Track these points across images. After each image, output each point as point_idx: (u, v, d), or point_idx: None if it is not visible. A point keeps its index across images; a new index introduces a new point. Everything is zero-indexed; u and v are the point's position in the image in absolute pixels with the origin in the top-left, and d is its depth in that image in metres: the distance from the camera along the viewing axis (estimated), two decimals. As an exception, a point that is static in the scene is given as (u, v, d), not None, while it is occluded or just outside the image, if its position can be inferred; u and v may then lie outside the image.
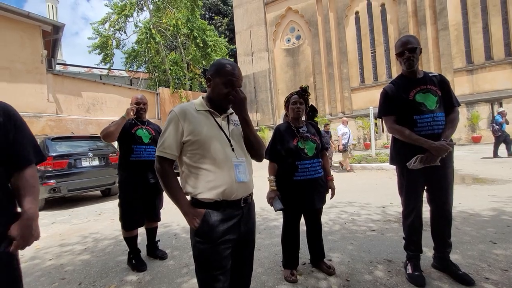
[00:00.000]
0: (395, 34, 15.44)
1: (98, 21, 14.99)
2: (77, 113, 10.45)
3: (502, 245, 2.33)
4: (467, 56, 14.00)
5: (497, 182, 4.95)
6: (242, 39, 20.32)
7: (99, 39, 14.62)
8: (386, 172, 6.96)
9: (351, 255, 2.37)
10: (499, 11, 13.16)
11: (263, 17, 19.35)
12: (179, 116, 1.18)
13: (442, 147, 1.70)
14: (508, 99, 12.83)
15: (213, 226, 1.16)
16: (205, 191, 1.16)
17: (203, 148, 1.17)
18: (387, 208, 3.79)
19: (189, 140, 1.17)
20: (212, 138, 1.19)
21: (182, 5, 15.09)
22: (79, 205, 5.77)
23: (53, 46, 10.55)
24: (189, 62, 16.19)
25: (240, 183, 1.21)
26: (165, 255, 2.62)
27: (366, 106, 15.44)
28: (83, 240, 3.41)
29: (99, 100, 11.40)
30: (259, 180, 4.45)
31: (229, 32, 25.64)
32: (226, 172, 1.19)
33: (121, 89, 12.55)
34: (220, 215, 1.18)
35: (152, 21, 14.83)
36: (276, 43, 19.48)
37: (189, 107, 1.24)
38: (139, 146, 2.46)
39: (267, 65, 19.22)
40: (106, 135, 2.33)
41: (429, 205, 1.97)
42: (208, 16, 28.02)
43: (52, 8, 45.92)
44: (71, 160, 5.49)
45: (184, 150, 1.21)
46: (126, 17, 14.70)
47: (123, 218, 2.44)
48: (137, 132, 2.49)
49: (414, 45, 1.86)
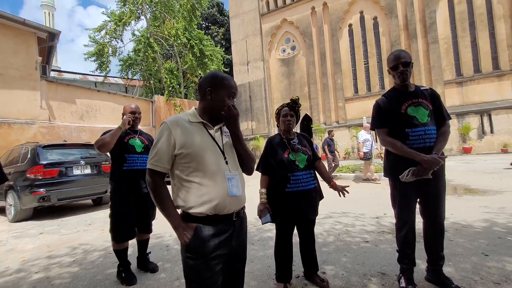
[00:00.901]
0: (387, 47, 15.84)
1: (94, 28, 15.04)
2: (70, 120, 10.33)
3: (494, 257, 2.35)
4: (457, 69, 14.41)
5: (488, 193, 5.02)
6: (238, 49, 20.58)
7: (95, 47, 14.64)
8: (381, 183, 7.00)
9: (345, 268, 2.35)
10: (486, 26, 13.66)
11: (258, 28, 19.69)
12: (171, 128, 1.16)
13: (433, 160, 1.72)
14: (496, 111, 13.16)
15: (204, 241, 1.13)
16: (196, 205, 1.14)
17: (196, 161, 1.15)
18: (381, 219, 3.80)
19: (182, 153, 1.15)
20: (205, 151, 1.17)
21: (179, 15, 15.30)
22: (68, 214, 5.63)
23: (48, 52, 10.51)
24: (185, 70, 16.30)
25: (232, 197, 1.20)
26: (156, 267, 2.55)
27: (360, 116, 15.66)
28: (72, 251, 3.31)
29: (93, 107, 11.30)
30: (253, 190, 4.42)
31: (225, 42, 25.98)
32: (219, 185, 1.17)
33: (116, 96, 12.49)
34: (211, 229, 1.16)
35: (150, 30, 14.95)
36: (272, 53, 19.77)
37: (182, 118, 1.22)
38: (132, 155, 2.44)
39: (262, 75, 19.44)
40: (102, 145, 2.30)
41: (422, 217, 1.98)
42: (205, 26, 28.40)
43: (48, 15, 46.01)
44: (62, 168, 5.39)
45: (176, 163, 1.18)
46: (124, 25, 14.79)
47: (113, 229, 2.38)
48: (129, 141, 2.47)
49: (407, 59, 1.90)
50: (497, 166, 8.18)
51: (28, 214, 5.31)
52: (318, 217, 2.16)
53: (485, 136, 13.45)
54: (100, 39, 14.95)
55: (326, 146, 8.28)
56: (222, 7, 29.93)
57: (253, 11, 19.90)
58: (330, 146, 8.30)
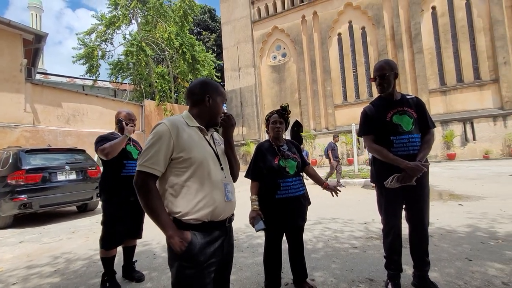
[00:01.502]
0: (375, 55, 16.30)
1: (84, 31, 14.82)
2: (56, 124, 10.05)
3: (477, 262, 2.41)
4: (441, 78, 14.95)
5: (471, 198, 5.17)
6: (229, 55, 20.70)
7: (84, 50, 14.40)
8: (368, 188, 7.11)
9: (334, 274, 2.35)
10: (467, 38, 14.30)
11: (250, 35, 19.90)
12: (171, 130, 1.11)
13: (416, 167, 1.77)
14: (478, 119, 13.69)
15: (200, 249, 1.11)
16: (192, 212, 1.11)
17: (195, 167, 1.13)
18: (369, 225, 3.84)
19: (181, 157, 1.11)
20: (204, 156, 1.16)
21: (171, 20, 15.30)
22: (51, 222, 5.43)
23: (34, 55, 10.26)
24: (176, 75, 16.24)
25: (228, 203, 1.20)
26: (142, 276, 2.49)
27: (349, 122, 15.94)
28: (53, 261, 3.18)
29: (80, 111, 11.06)
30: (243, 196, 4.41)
31: (216, 48, 26.12)
32: (216, 191, 1.16)
33: (104, 100, 12.28)
34: (206, 237, 1.14)
35: (141, 35, 14.86)
36: (263, 59, 19.98)
37: (180, 121, 1.19)
38: (131, 161, 2.46)
39: (253, 81, 19.58)
40: (110, 152, 2.29)
41: (408, 223, 2.02)
42: (196, 31, 28.51)
43: (36, 17, 45.06)
44: (45, 174, 5.21)
45: (171, 167, 1.13)
46: (115, 29, 14.64)
47: (105, 237, 2.32)
48: (127, 148, 2.48)
49: (386, 71, 1.95)
50: (480, 173, 8.48)
51: (7, 222, 5.09)
52: (308, 223, 2.18)
53: (468, 143, 13.94)
54: (89, 42, 14.74)
55: (331, 150, 7.97)
56: (214, 14, 30.18)
57: (245, 18, 20.14)
58: (334, 151, 8.00)
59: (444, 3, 14.78)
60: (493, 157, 13.16)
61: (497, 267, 2.28)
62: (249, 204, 1.99)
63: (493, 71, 13.61)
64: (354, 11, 16.96)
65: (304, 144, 16.69)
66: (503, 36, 13.23)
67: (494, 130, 13.41)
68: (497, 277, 2.10)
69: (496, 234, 3.09)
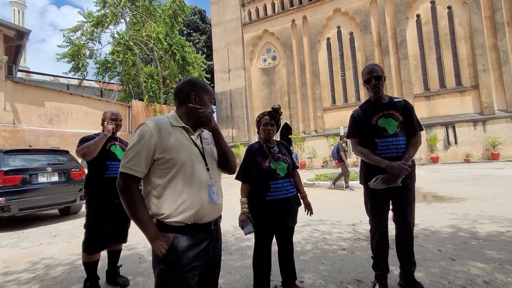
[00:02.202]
0: (362, 61, 16.68)
1: (70, 28, 14.40)
2: (37, 124, 9.68)
3: (460, 261, 2.48)
4: (425, 84, 15.46)
5: (454, 200, 5.34)
6: (219, 57, 20.64)
7: (70, 48, 13.98)
8: (356, 190, 7.22)
9: (322, 276, 2.36)
10: (449, 45, 14.88)
11: (240, 37, 19.94)
12: (152, 130, 1.10)
13: (398, 167, 1.82)
14: (459, 123, 14.23)
15: (182, 252, 1.08)
16: (175, 214, 1.09)
17: (178, 167, 1.10)
18: (357, 226, 3.90)
19: (163, 157, 1.09)
20: (187, 157, 1.13)
21: (161, 20, 15.11)
22: (31, 225, 5.20)
23: (15, 52, 9.88)
24: (166, 76, 16.04)
25: (212, 205, 1.17)
26: (127, 282, 2.41)
27: (337, 125, 16.22)
28: (32, 266, 3.04)
29: (64, 111, 10.70)
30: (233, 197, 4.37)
31: (206, 49, 25.99)
32: (200, 193, 1.14)
33: (90, 100, 11.95)
34: (189, 239, 1.11)
35: (129, 34, 14.59)
36: (253, 62, 20.04)
37: (163, 121, 1.17)
38: (114, 162, 2.37)
39: (243, 83, 19.59)
40: (87, 153, 2.21)
41: (394, 224, 2.06)
42: (186, 32, 28.30)
43: (18, 13, 43.49)
44: (25, 176, 4.99)
45: (154, 168, 1.11)
46: (103, 27, 14.31)
47: (88, 240, 2.24)
48: (111, 148, 2.39)
49: (380, 73, 2.00)
50: (461, 175, 8.78)
51: (-17, 226, 4.83)
52: (297, 225, 2.17)
53: (450, 146, 14.44)
54: (76, 40, 14.33)
55: (343, 151, 7.60)
56: (204, 15, 30.07)
57: (235, 21, 20.16)
58: (346, 152, 7.77)
59: (428, 12, 15.34)
60: (473, 160, 13.69)
61: (479, 266, 2.35)
62: (238, 207, 1.97)
63: (473, 77, 14.19)
64: (343, 16, 17.31)
65: (293, 146, 16.81)
66: (482, 45, 13.84)
67: (475, 134, 13.96)
68: (479, 276, 2.17)
69: (477, 234, 3.20)
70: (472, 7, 14.06)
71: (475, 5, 14.00)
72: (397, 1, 15.64)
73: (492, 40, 13.79)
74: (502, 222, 3.64)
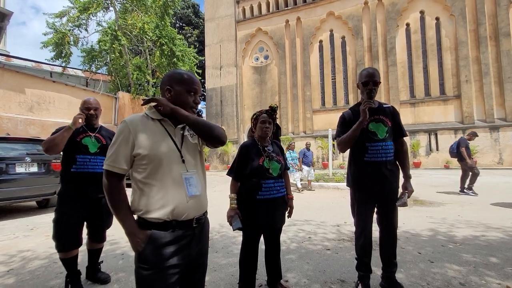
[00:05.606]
0: (353, 65, 16.99)
1: (54, 14, 13.76)
2: (17, 112, 9.22)
3: (438, 264, 2.58)
4: (411, 91, 15.95)
5: (434, 204, 5.55)
6: (211, 52, 20.43)
7: (54, 35, 13.36)
8: (341, 191, 7.37)
9: (307, 275, 2.39)
10: (436, 55, 15.42)
11: (233, 34, 19.80)
12: (130, 127, 1.11)
13: (363, 108, 1.93)
14: (441, 131, 14.79)
15: (158, 249, 1.07)
16: (154, 210, 1.08)
17: (153, 163, 1.10)
18: (341, 227, 3.97)
19: (139, 153, 1.09)
20: (162, 151, 1.12)
21: (152, 10, 14.71)
22: (6, 217, 4.96)
23: (-6, 34, 9.33)
24: (155, 68, 15.66)
25: (192, 198, 1.14)
26: (108, 278, 2.34)
27: (325, 127, 16.42)
28: (8, 260, 2.90)
29: (46, 99, 10.25)
30: (220, 195, 4.38)
31: (198, 44, 25.64)
32: (176, 188, 1.12)
33: (74, 89, 11.50)
34: (168, 236, 1.09)
35: (118, 23, 14.12)
36: (245, 60, 19.96)
37: (142, 117, 1.17)
38: (83, 156, 2.17)
39: (234, 80, 19.48)
40: (50, 148, 2.06)
41: (378, 226, 2.11)
42: (179, 26, 27.79)
43: (-2, -7, 41.15)
44: (1, 165, 4.75)
45: (135, 165, 1.13)
46: (90, 14, 13.75)
47: (56, 236, 2.11)
48: (83, 141, 2.20)
49: (378, 79, 2.04)
50: (441, 181, 9.15)
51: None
52: (283, 225, 2.18)
53: (432, 153, 14.99)
54: (60, 26, 13.71)
55: (464, 147, 7.18)
56: (198, 9, 29.64)
57: (229, 17, 20.00)
58: (467, 149, 7.21)
59: (417, 21, 15.80)
60: (452, 166, 14.25)
61: (455, 268, 2.46)
62: (224, 204, 1.96)
63: (456, 87, 14.77)
64: (336, 20, 17.55)
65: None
66: (466, 56, 14.42)
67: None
68: (455, 278, 2.27)
69: (454, 238, 3.34)
70: (459, 20, 14.61)
71: (461, 18, 14.56)
72: (389, 9, 16.02)
73: (475, 53, 14.39)
74: (477, 227, 3.82)
